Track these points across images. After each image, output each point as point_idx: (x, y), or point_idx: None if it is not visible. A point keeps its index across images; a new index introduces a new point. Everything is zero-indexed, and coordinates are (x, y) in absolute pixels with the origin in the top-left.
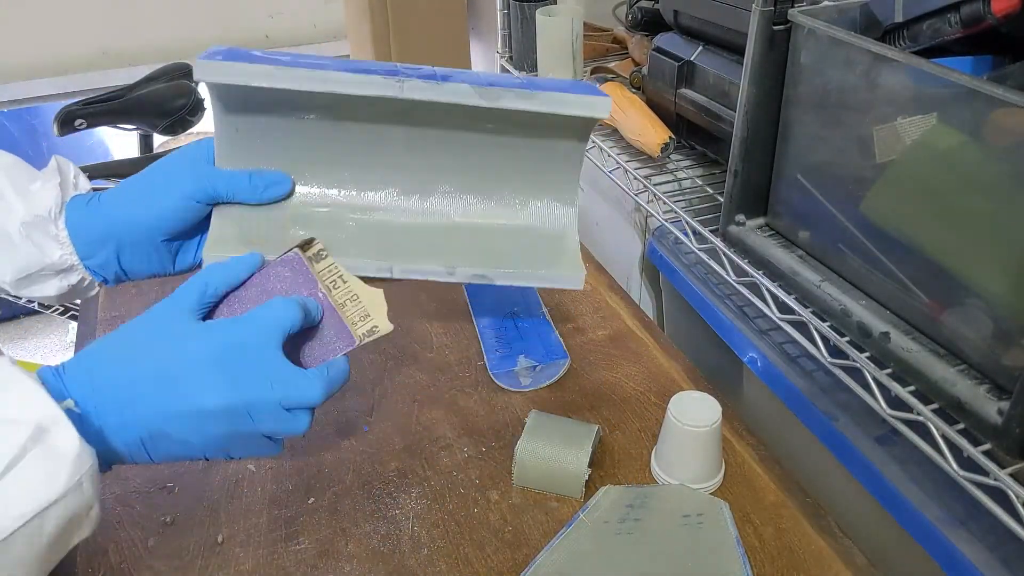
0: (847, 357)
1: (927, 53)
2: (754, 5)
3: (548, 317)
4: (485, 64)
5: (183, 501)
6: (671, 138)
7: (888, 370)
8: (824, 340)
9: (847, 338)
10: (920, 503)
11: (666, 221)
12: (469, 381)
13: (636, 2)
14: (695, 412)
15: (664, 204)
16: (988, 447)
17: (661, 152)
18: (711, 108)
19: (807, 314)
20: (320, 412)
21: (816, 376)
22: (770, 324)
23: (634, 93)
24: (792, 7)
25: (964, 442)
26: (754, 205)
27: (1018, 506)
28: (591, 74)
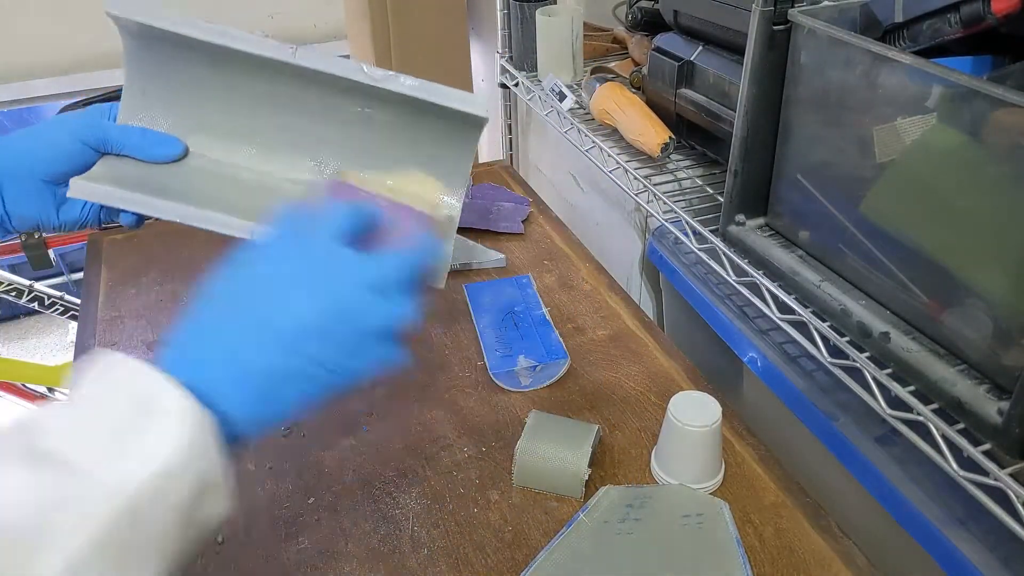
0: (847, 357)
1: (927, 53)
2: (754, 5)
3: (548, 317)
4: (485, 64)
5: None
6: (671, 138)
7: (888, 370)
8: (824, 340)
9: (847, 338)
10: (920, 503)
11: (666, 221)
12: (469, 381)
13: (636, 2)
14: (695, 412)
15: (664, 204)
16: (988, 447)
17: (661, 152)
18: (711, 108)
19: (807, 314)
20: (320, 412)
21: (816, 376)
22: (770, 324)
23: (634, 93)
24: (792, 7)
25: (964, 442)
26: (754, 205)
27: (1018, 506)
28: (591, 74)
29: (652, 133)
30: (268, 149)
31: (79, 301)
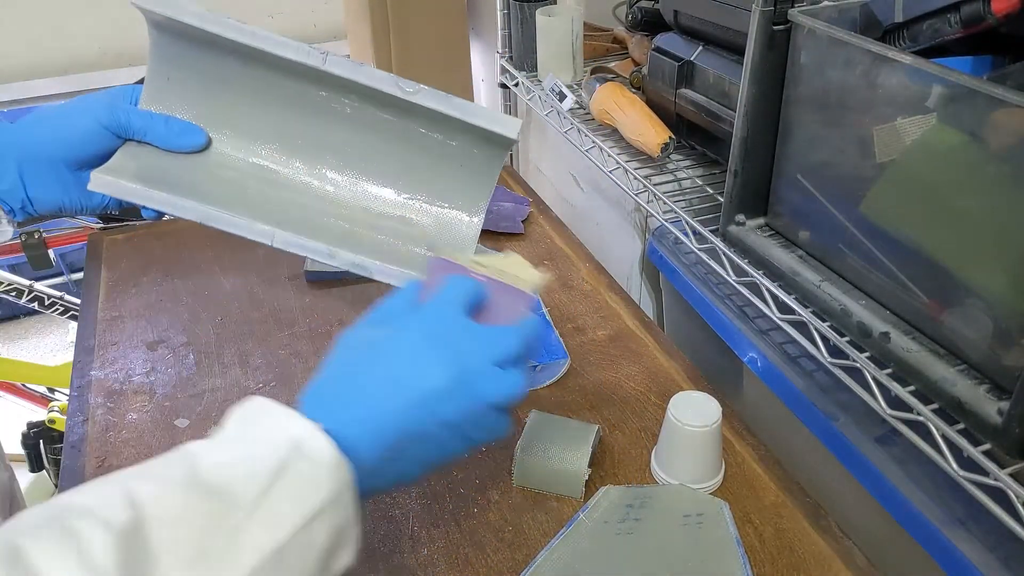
0: (847, 357)
1: (927, 53)
2: (754, 5)
3: (548, 317)
4: (485, 64)
5: None
6: (671, 138)
7: (888, 370)
8: (824, 340)
9: (847, 338)
10: (920, 503)
11: (666, 221)
12: None
13: (636, 2)
14: (695, 412)
15: (664, 204)
16: (988, 447)
17: (661, 152)
18: (711, 108)
19: (807, 314)
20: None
21: (816, 376)
22: (770, 324)
23: (634, 93)
24: (792, 7)
25: (964, 442)
26: (754, 205)
27: (1018, 506)
28: (591, 74)
29: (652, 133)
30: (290, 151)
31: (79, 301)
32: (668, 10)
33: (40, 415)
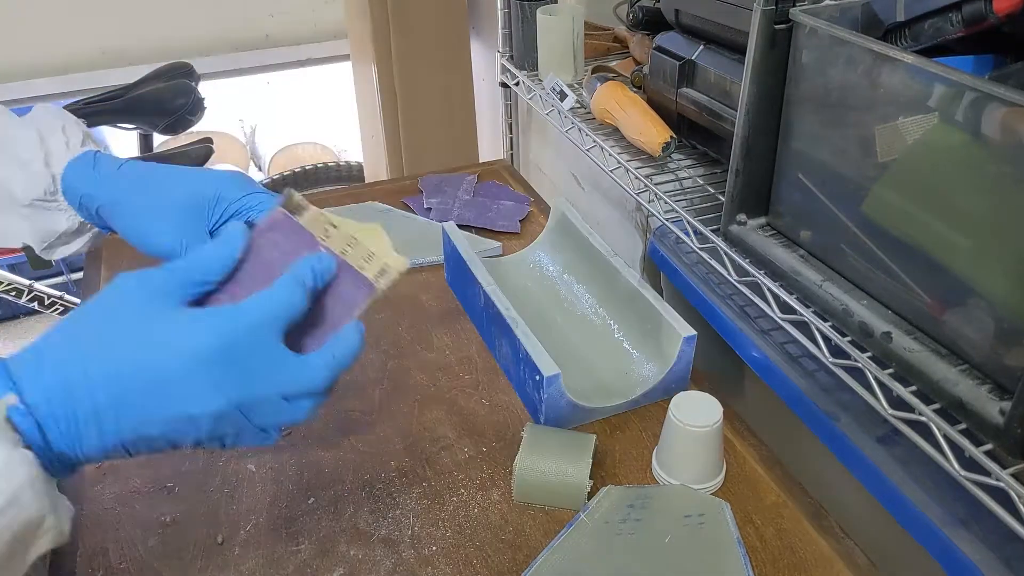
0: (849, 357)
1: (929, 52)
2: (755, 4)
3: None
4: (486, 63)
5: (183, 501)
6: (672, 137)
7: (890, 370)
8: (825, 340)
9: (848, 338)
10: (922, 503)
11: (667, 220)
12: (470, 381)
13: (637, 1)
14: (696, 412)
15: (665, 203)
16: (990, 447)
17: (662, 151)
18: (712, 107)
19: (808, 314)
20: (321, 412)
21: (817, 376)
22: (771, 324)
23: (635, 92)
24: (793, 6)
25: (966, 442)
26: (755, 204)
27: (1020, 506)
28: (592, 73)
29: (653, 132)
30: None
31: (79, 301)
32: (669, 9)
33: None
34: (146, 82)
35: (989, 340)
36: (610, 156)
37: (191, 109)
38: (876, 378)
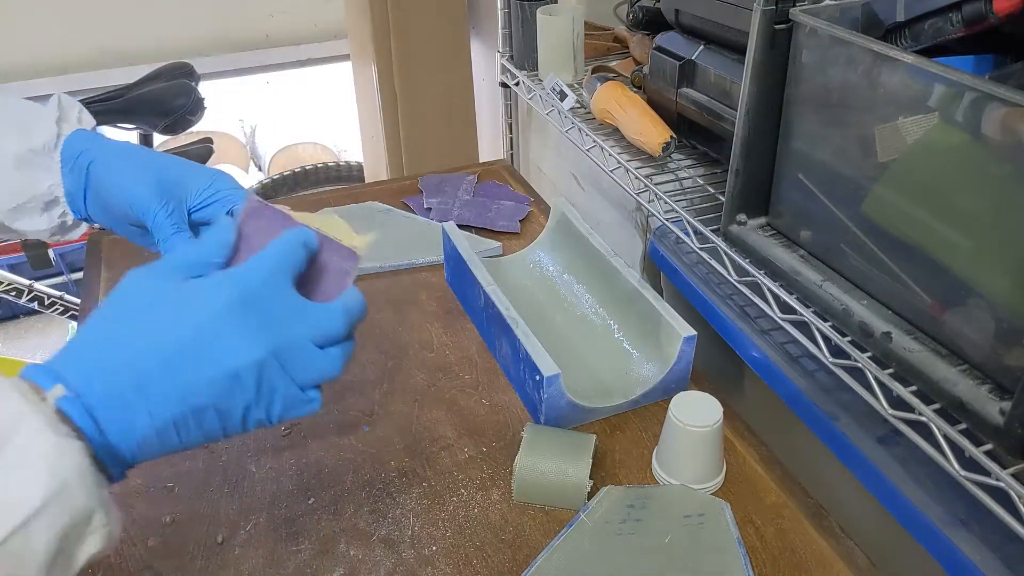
0: (849, 357)
1: (929, 52)
2: (755, 4)
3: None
4: (486, 63)
5: (183, 501)
6: (672, 137)
7: (890, 370)
8: (825, 340)
9: (848, 338)
10: (922, 503)
11: (667, 221)
12: (469, 381)
13: (637, 1)
14: (696, 412)
15: (665, 203)
16: (990, 447)
17: (662, 151)
18: (712, 107)
19: (808, 314)
20: (321, 412)
21: (817, 376)
22: (771, 324)
23: (635, 92)
24: (793, 6)
25: (966, 442)
26: (755, 204)
27: (1020, 506)
28: (592, 73)
29: (653, 132)
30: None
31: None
32: (669, 9)
33: None
34: (146, 82)
35: (989, 340)
36: (610, 156)
37: (191, 109)
38: (876, 378)
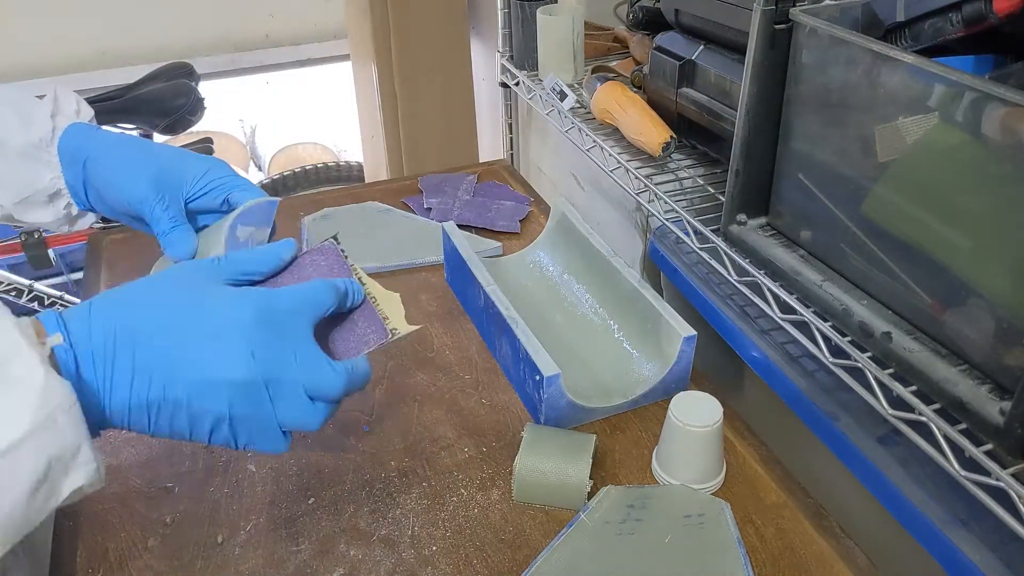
0: (849, 357)
1: (929, 52)
2: (755, 4)
3: None
4: (486, 63)
5: (183, 501)
6: (672, 137)
7: (890, 370)
8: (825, 340)
9: (848, 338)
10: (922, 503)
11: (667, 221)
12: (469, 381)
13: (637, 1)
14: (696, 412)
15: (665, 203)
16: (990, 447)
17: (662, 151)
18: (712, 107)
19: (808, 314)
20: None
21: (817, 376)
22: (771, 324)
23: (635, 92)
24: (793, 6)
25: (966, 442)
26: (755, 204)
27: (1020, 506)
28: (592, 73)
29: (653, 132)
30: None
31: (79, 301)
32: (669, 9)
33: None
34: (146, 82)
35: (989, 340)
36: (610, 156)
37: (191, 109)
38: (876, 378)
